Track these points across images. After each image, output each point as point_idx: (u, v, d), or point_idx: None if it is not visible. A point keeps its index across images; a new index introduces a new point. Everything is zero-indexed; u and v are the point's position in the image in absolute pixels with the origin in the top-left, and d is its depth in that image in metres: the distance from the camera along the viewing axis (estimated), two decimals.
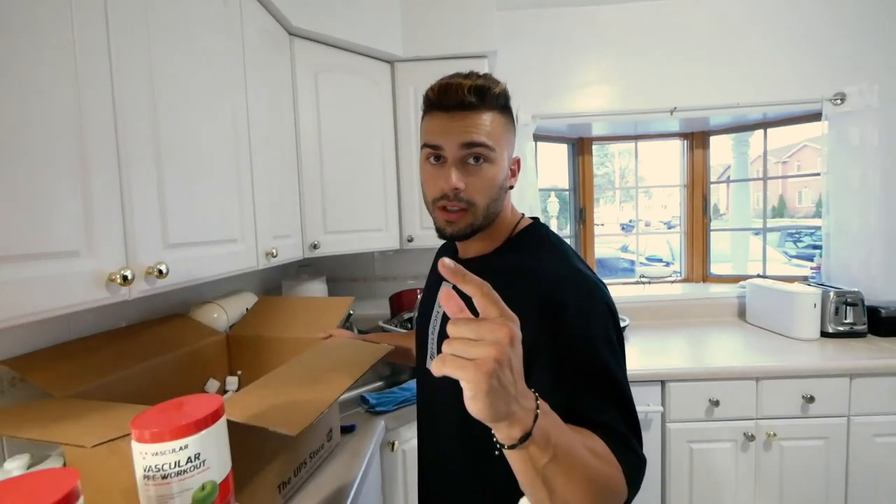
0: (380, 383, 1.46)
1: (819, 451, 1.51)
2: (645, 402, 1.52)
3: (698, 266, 2.45)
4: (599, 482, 0.47)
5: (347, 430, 1.19)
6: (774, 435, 1.50)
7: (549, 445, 0.42)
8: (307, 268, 2.05)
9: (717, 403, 1.51)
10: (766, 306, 1.96)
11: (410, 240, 1.78)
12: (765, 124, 2.30)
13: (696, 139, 2.42)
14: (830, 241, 2.03)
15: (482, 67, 1.70)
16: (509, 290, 0.52)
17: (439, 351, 0.64)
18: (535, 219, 0.80)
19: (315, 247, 1.54)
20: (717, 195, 2.73)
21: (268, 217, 1.24)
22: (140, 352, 0.97)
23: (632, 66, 2.11)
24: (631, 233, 3.09)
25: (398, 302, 1.90)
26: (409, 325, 1.78)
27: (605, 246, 2.93)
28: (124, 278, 0.70)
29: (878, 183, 1.90)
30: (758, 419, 1.52)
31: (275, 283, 1.87)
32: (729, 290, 2.22)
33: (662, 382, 1.53)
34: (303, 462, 0.96)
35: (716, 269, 2.46)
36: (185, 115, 0.90)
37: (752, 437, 1.50)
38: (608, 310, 0.64)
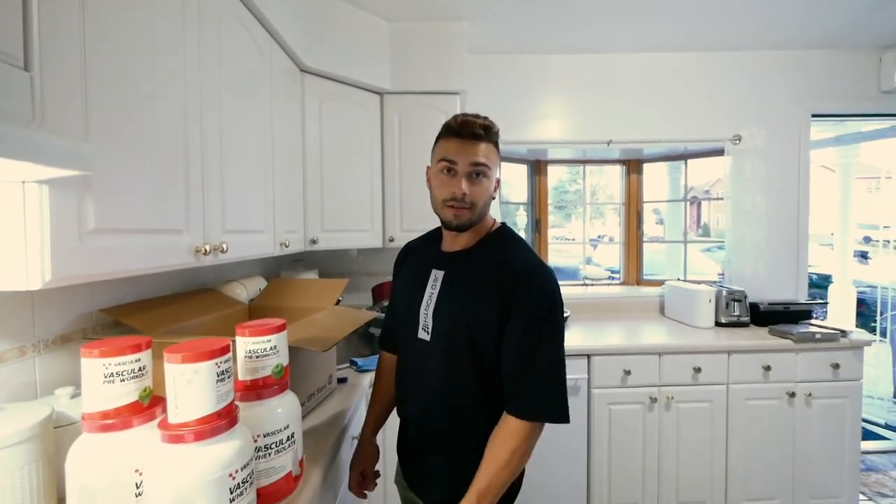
0: (366, 351, 1.81)
1: (706, 410, 1.96)
2: (574, 372, 1.93)
3: (633, 271, 2.92)
4: (515, 460, 0.86)
5: (342, 381, 1.54)
6: (672, 398, 1.94)
7: None
8: (301, 262, 2.39)
9: (629, 373, 1.93)
10: (678, 303, 2.43)
11: (392, 240, 2.15)
12: (686, 156, 2.81)
13: (632, 166, 2.91)
14: (731, 253, 2.53)
15: (454, 103, 2.11)
16: (486, 272, 0.92)
17: (433, 323, 1.00)
18: (504, 223, 1.05)
19: (314, 242, 1.89)
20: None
21: (282, 215, 1.59)
22: (191, 311, 1.30)
23: (577, 104, 2.58)
24: (595, 248, 3.56)
25: (379, 292, 2.26)
26: None
27: (570, 258, 3.40)
28: (205, 251, 1.05)
29: (762, 208, 2.42)
30: (660, 386, 1.95)
31: (275, 273, 2.20)
32: (654, 290, 2.69)
33: (588, 356, 1.95)
34: (313, 393, 1.31)
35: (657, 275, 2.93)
36: (239, 138, 1.26)
37: (655, 400, 1.94)
38: (556, 287, 0.92)
